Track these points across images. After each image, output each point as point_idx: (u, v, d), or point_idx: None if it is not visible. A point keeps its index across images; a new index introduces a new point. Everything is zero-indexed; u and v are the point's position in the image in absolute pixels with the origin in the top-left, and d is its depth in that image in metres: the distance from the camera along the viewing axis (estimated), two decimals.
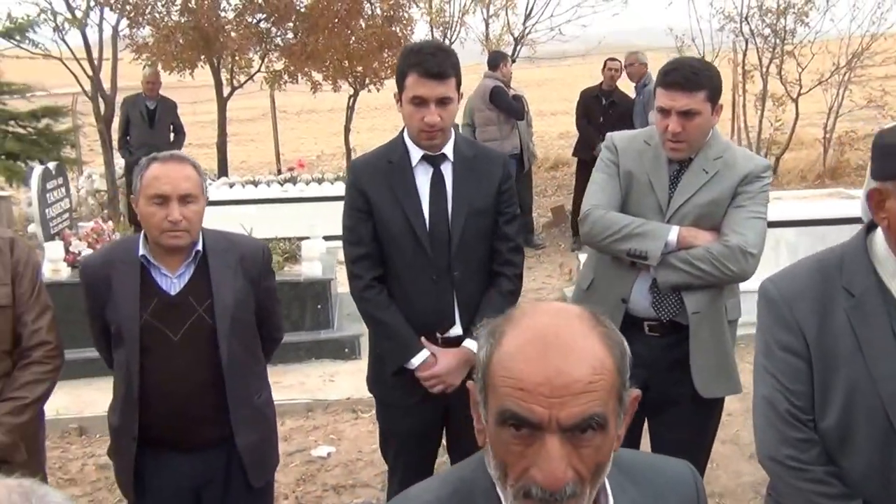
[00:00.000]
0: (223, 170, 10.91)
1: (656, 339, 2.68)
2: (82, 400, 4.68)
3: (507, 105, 7.84)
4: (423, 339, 2.60)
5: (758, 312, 1.79)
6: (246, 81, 11.37)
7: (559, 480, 0.98)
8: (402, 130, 2.68)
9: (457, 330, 2.64)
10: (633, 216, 2.67)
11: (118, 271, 2.32)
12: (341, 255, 6.73)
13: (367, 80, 11.20)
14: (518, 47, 12.48)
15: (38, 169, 6.28)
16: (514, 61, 10.29)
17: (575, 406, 0.98)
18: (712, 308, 2.67)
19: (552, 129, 17.17)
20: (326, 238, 6.16)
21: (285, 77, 11.10)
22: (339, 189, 8.36)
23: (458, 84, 2.55)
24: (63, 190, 6.62)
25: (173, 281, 2.33)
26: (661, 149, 2.68)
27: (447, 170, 2.63)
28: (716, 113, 2.61)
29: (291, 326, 5.05)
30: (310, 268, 5.54)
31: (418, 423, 2.70)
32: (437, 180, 2.62)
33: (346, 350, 5.46)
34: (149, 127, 8.94)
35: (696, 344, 2.64)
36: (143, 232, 2.35)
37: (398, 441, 2.78)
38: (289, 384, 4.97)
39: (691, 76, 2.52)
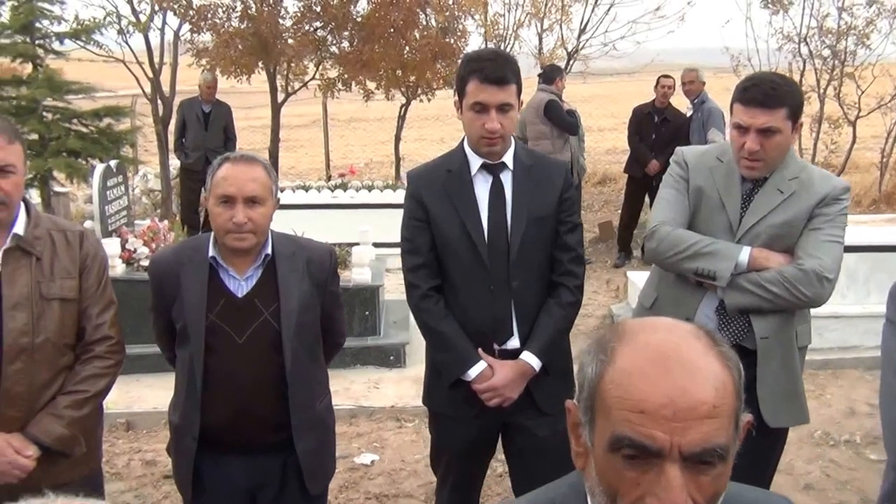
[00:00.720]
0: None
1: None
2: (130, 396, 4.75)
3: (561, 119, 7.80)
4: (479, 350, 2.57)
5: (884, 333, 1.72)
6: (300, 88, 11.53)
7: None
8: (462, 140, 2.66)
9: (514, 342, 2.61)
10: (702, 235, 2.61)
11: (187, 270, 2.33)
12: (390, 263, 6.81)
13: (420, 90, 11.27)
14: (571, 62, 12.44)
15: (100, 167, 6.43)
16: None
17: (698, 433, 0.91)
18: (782, 334, 2.59)
19: (599, 145, 17.06)
20: (376, 245, 6.19)
21: (339, 85, 11.21)
22: (389, 196, 8.41)
23: (519, 91, 2.53)
24: (122, 188, 6.76)
25: (241, 283, 2.34)
26: (735, 166, 2.60)
27: (507, 178, 2.60)
28: (795, 131, 2.54)
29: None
30: (359, 274, 5.57)
31: (473, 437, 2.67)
32: (497, 189, 2.59)
33: (392, 358, 5.47)
34: (203, 130, 9.13)
35: (764, 371, 2.56)
36: (213, 233, 2.36)
37: (450, 454, 2.75)
38: (333, 389, 4.89)
39: (771, 92, 2.45)
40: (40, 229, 2.30)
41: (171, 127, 9.91)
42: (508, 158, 2.60)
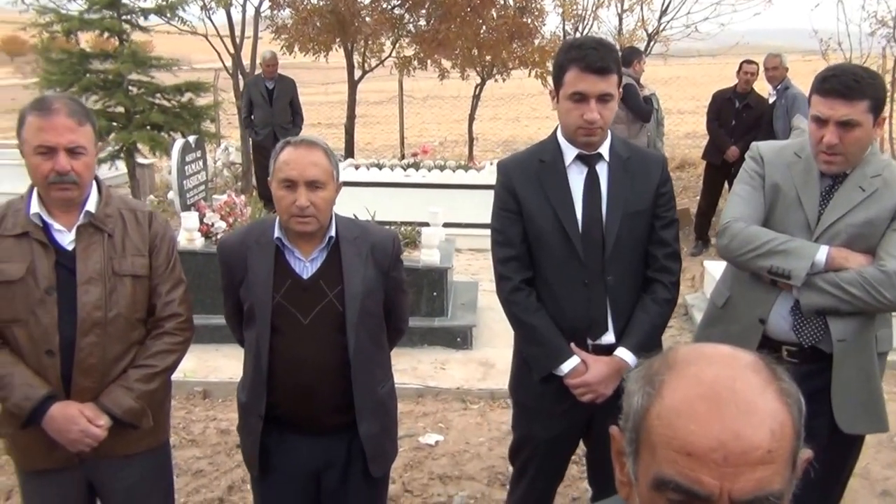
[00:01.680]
0: (350, 151, 11.17)
1: (795, 365, 2.48)
2: (208, 365, 4.89)
3: (635, 105, 7.61)
4: (573, 345, 2.52)
5: None
6: (377, 66, 11.57)
7: None
8: (556, 129, 2.59)
9: (609, 337, 2.54)
10: (778, 233, 2.50)
11: (254, 252, 2.36)
12: (459, 244, 6.77)
13: (495, 70, 11.16)
14: (651, 44, 12.10)
15: (178, 142, 6.61)
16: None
17: (750, 480, 0.84)
18: (861, 337, 2.46)
19: (678, 129, 16.59)
20: (446, 225, 6.18)
21: (415, 63, 11.20)
22: (462, 177, 8.37)
23: (620, 81, 2.45)
24: (200, 163, 6.93)
25: (306, 265, 2.35)
26: (814, 162, 2.48)
27: (602, 170, 2.53)
28: (878, 126, 2.40)
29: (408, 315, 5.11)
30: (428, 255, 5.56)
31: (559, 431, 2.63)
32: (592, 181, 2.52)
33: (459, 339, 5.46)
34: (269, 106, 9.26)
35: (840, 375, 2.45)
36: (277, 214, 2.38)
37: (534, 446, 2.71)
38: (401, 368, 5.00)
39: (853, 84, 2.32)
40: (111, 207, 2.35)
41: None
42: (605, 150, 2.53)
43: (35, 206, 2.27)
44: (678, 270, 2.61)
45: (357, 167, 8.63)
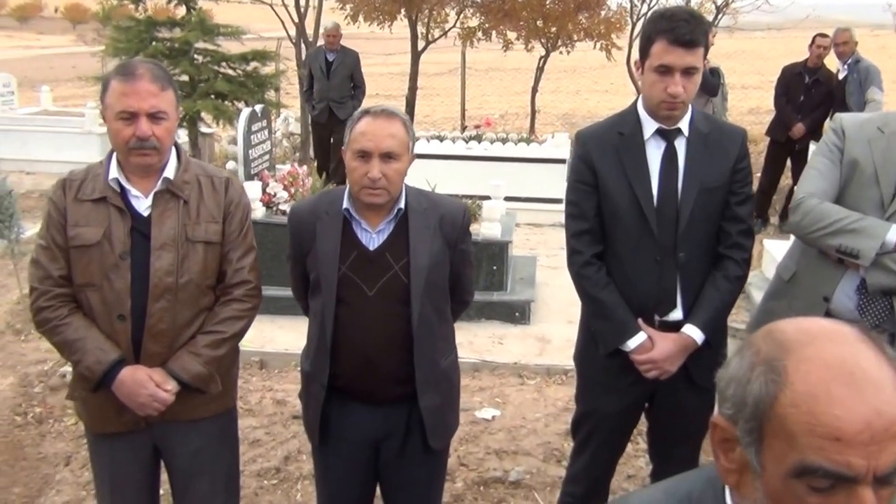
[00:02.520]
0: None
1: None
2: (265, 336, 4.92)
3: (703, 80, 7.37)
4: (640, 321, 2.51)
5: None
6: (440, 37, 11.46)
7: None
8: (636, 101, 2.55)
9: (677, 314, 2.52)
10: (850, 210, 2.43)
11: (323, 222, 2.35)
12: (519, 218, 6.68)
13: (560, 42, 10.95)
14: (719, 16, 11.70)
15: (245, 111, 6.63)
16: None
17: (892, 453, 0.85)
18: None
19: (742, 104, 16.11)
20: (507, 199, 6.10)
21: (479, 34, 11.06)
22: (523, 150, 8.25)
23: (706, 53, 2.39)
24: (265, 132, 6.95)
25: (373, 236, 2.33)
26: None
27: (681, 145, 2.48)
28: None
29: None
30: (489, 228, 5.50)
31: (623, 406, 2.64)
32: (670, 156, 2.48)
33: (517, 314, 5.40)
34: (326, 80, 8.92)
35: None
36: (347, 185, 2.36)
37: (596, 420, 2.71)
38: (458, 342, 4.96)
39: None
40: (189, 174, 2.35)
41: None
42: (684, 124, 2.48)
43: (114, 172, 2.29)
44: (751, 247, 2.56)
45: (418, 139, 8.57)
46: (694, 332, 2.47)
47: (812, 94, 7.73)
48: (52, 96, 12.64)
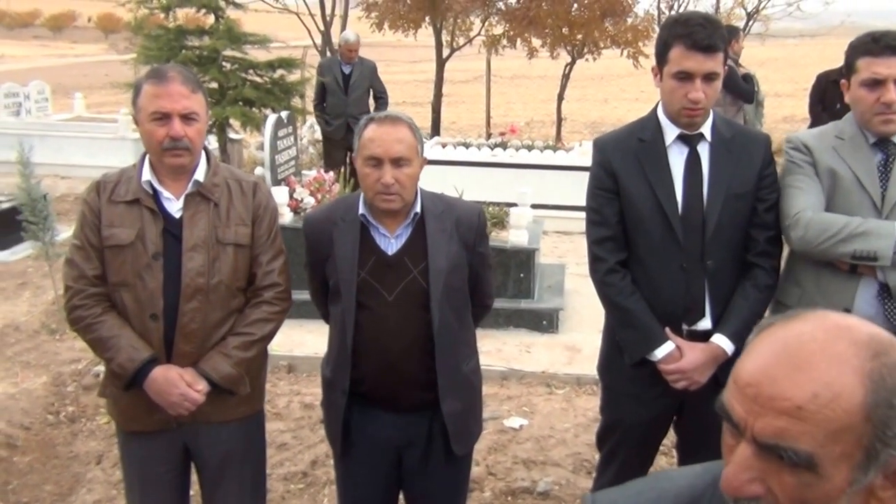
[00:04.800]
0: (436, 129, 11.14)
1: None
2: (293, 340, 4.94)
3: (736, 85, 7.28)
4: (667, 330, 2.45)
5: None
6: (465, 44, 11.48)
7: (732, 488, 0.91)
8: (655, 107, 2.51)
9: (706, 323, 2.46)
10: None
11: (340, 229, 2.34)
12: (546, 226, 6.63)
13: (586, 49, 10.91)
14: (750, 22, 11.61)
15: (272, 117, 6.68)
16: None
17: (771, 425, 0.88)
18: None
19: (776, 112, 15.95)
20: (534, 206, 6.07)
21: (504, 41, 11.06)
22: (550, 157, 8.22)
23: (726, 58, 2.34)
24: (291, 139, 7.00)
25: (391, 241, 2.32)
26: (861, 140, 2.40)
27: (704, 150, 2.44)
28: None
29: (494, 294, 5.04)
30: (516, 235, 5.47)
31: (651, 417, 2.58)
32: (693, 161, 2.44)
33: (545, 322, 5.36)
34: (343, 94, 8.36)
35: None
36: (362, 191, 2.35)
37: (622, 431, 2.66)
38: (485, 350, 4.94)
39: None
40: (218, 177, 2.38)
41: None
42: (706, 129, 2.44)
43: (146, 174, 2.32)
44: (779, 255, 2.51)
45: (444, 146, 8.58)
46: (724, 342, 2.41)
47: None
48: (85, 103, 12.84)
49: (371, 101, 8.74)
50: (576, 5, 10.48)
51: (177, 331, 2.27)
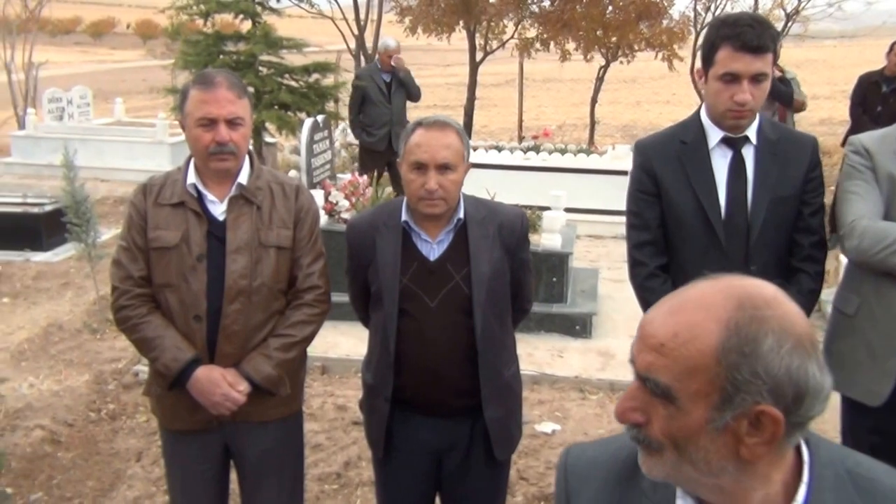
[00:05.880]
0: (468, 133, 11.16)
1: None
2: (327, 341, 4.97)
3: (774, 88, 7.19)
4: None
5: None
6: (498, 48, 11.49)
7: (618, 413, 1.05)
8: (698, 109, 2.49)
9: None
10: None
11: (382, 235, 2.35)
12: (579, 230, 6.62)
13: (620, 52, 10.86)
14: (789, 24, 11.44)
15: (308, 121, 6.76)
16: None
17: (643, 359, 1.02)
18: None
19: (813, 115, 15.69)
20: (567, 210, 6.07)
21: (537, 44, 11.05)
22: (583, 161, 8.20)
23: (775, 59, 2.33)
24: (327, 142, 7.07)
25: (433, 247, 2.32)
26: None
27: (749, 153, 2.41)
28: None
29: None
30: (549, 239, 5.47)
31: None
32: (737, 165, 2.40)
33: (577, 327, 5.35)
34: (387, 103, 8.06)
35: None
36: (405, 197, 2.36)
37: None
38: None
39: None
40: (261, 181, 2.42)
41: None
42: (752, 132, 2.41)
43: (192, 177, 2.37)
44: (824, 259, 2.47)
45: (476, 149, 8.60)
46: None
47: (890, 103, 7.48)
48: (124, 108, 13.08)
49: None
50: (610, 7, 10.44)
51: (219, 332, 2.32)
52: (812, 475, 1.04)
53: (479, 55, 11.34)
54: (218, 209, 2.36)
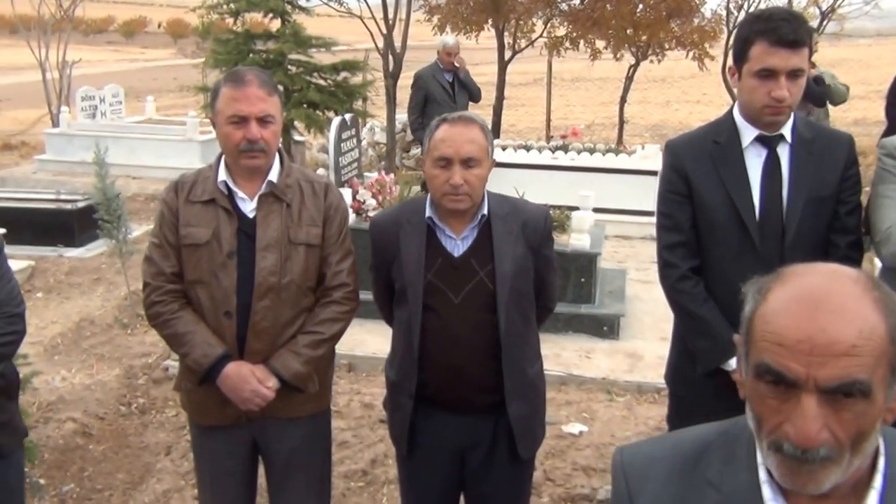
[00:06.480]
0: (496, 132, 11.14)
1: None
2: (354, 339, 4.99)
3: (807, 89, 7.06)
4: None
5: None
6: (527, 46, 11.45)
7: (811, 440, 0.97)
8: (730, 108, 2.44)
9: None
10: None
11: (406, 231, 2.35)
12: (607, 230, 6.58)
13: (650, 51, 10.77)
14: (825, 22, 11.27)
15: (336, 120, 6.80)
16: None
17: (835, 368, 0.95)
18: None
19: (847, 115, 15.44)
20: (595, 210, 6.02)
21: (566, 43, 10.99)
22: (612, 161, 8.14)
23: (811, 54, 2.27)
24: (354, 141, 7.10)
25: (457, 243, 2.32)
26: None
27: (784, 152, 2.35)
28: None
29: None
30: (578, 239, 5.44)
31: None
32: (772, 164, 2.35)
33: (605, 328, 5.31)
34: (452, 102, 7.80)
35: None
36: (429, 193, 2.36)
37: None
38: (543, 354, 4.87)
39: None
40: (291, 178, 2.42)
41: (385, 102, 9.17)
42: (786, 130, 2.36)
43: (222, 175, 2.38)
44: (860, 260, 2.42)
45: (504, 148, 8.57)
46: None
47: None
48: (155, 106, 13.23)
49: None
50: (641, 6, 10.35)
51: (249, 328, 2.33)
52: (887, 461, 1.06)
53: (507, 54, 11.31)
54: (248, 206, 2.37)
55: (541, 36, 11.35)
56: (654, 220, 2.56)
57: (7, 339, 2.39)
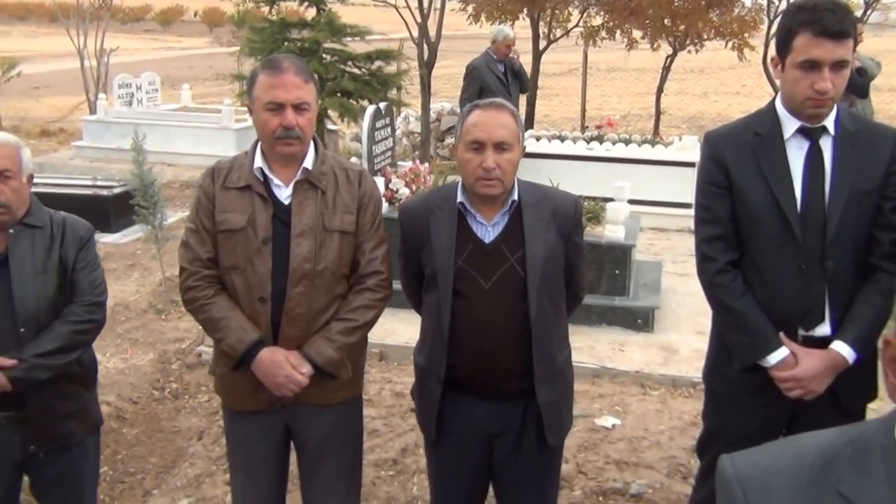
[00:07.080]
0: (530, 122, 11.05)
1: None
2: (385, 328, 4.97)
3: (850, 79, 6.89)
4: (781, 335, 2.32)
5: None
6: (562, 36, 11.33)
7: None
8: (772, 100, 2.39)
9: (824, 329, 2.32)
10: None
11: (437, 217, 2.35)
12: (642, 222, 6.49)
13: (688, 41, 10.59)
14: (868, 11, 11.00)
15: (370, 108, 6.78)
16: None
17: None
18: None
19: (889, 108, 15.09)
20: (631, 202, 5.94)
21: (602, 33, 10.86)
22: (648, 152, 8.02)
23: (855, 46, 2.20)
24: (388, 130, 7.08)
25: (488, 229, 2.32)
26: None
27: (826, 145, 2.30)
28: None
29: (586, 288, 4.94)
30: (613, 231, 5.37)
31: (758, 426, 2.43)
32: (815, 157, 2.29)
33: (639, 321, 5.24)
34: (507, 94, 7.69)
35: None
36: (461, 179, 2.37)
37: (726, 441, 2.51)
38: (577, 346, 4.81)
39: None
40: (326, 166, 2.43)
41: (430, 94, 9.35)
42: (829, 123, 2.30)
43: (258, 161, 2.38)
44: None
45: (538, 139, 8.50)
46: (844, 350, 2.25)
47: None
48: (191, 94, 13.35)
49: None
50: None
51: (283, 314, 2.33)
52: None
53: (541, 43, 11.20)
54: (283, 193, 2.38)
55: (577, 25, 11.21)
56: (691, 212, 2.52)
57: (85, 327, 2.44)
